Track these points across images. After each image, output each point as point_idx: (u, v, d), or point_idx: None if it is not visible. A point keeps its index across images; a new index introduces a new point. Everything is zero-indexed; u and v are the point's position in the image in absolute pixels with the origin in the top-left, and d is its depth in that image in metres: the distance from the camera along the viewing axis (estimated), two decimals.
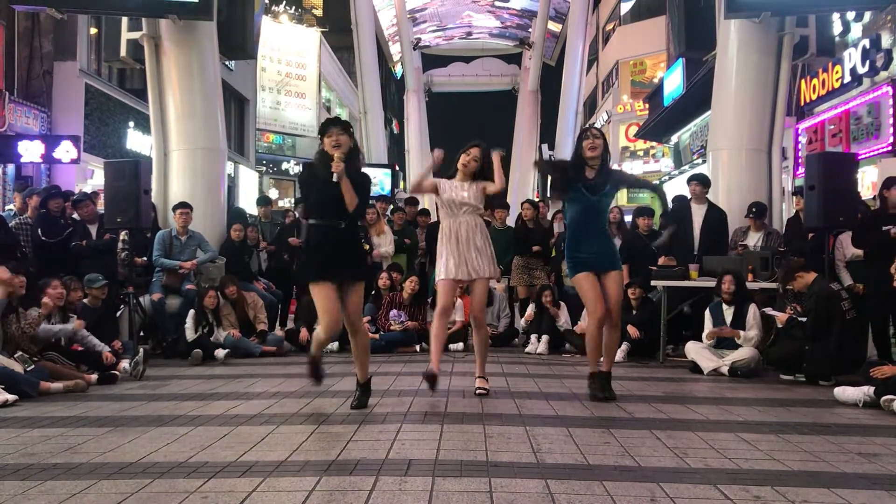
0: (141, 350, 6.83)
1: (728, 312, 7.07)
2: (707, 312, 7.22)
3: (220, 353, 7.63)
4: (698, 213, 8.38)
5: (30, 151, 13.01)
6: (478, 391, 5.46)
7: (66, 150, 13.22)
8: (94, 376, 6.15)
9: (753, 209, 8.20)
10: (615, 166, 32.39)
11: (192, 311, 8.01)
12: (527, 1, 35.74)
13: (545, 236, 9.61)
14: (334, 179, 4.75)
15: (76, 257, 8.02)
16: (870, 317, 7.00)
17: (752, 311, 6.97)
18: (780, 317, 6.67)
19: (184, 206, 8.70)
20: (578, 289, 5.50)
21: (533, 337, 8.52)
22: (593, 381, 5.41)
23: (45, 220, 8.29)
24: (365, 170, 5.26)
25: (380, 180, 17.70)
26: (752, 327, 6.90)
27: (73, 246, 8.08)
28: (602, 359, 5.47)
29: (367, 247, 9.62)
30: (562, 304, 8.74)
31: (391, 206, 11.04)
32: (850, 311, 6.34)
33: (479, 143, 5.65)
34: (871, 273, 6.92)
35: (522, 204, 9.91)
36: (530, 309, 8.83)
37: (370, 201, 7.91)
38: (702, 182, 8.51)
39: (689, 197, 8.64)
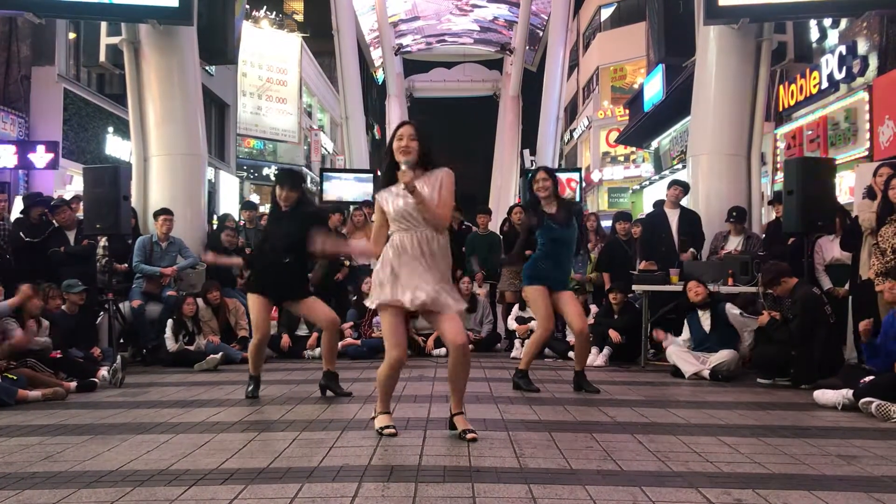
0: (120, 357, 6.76)
1: (705, 319, 7.06)
2: (685, 323, 7.24)
3: (216, 357, 7.55)
4: (673, 217, 8.55)
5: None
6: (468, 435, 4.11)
7: (40, 155, 13.12)
8: (74, 384, 6.08)
9: (734, 214, 8.28)
10: (597, 171, 32.68)
11: (170, 321, 7.94)
12: (507, 7, 35.87)
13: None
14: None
15: (54, 264, 7.94)
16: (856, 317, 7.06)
17: (733, 317, 7.01)
18: (760, 319, 6.70)
19: (166, 212, 8.64)
20: (531, 300, 6.05)
21: (517, 342, 8.50)
22: (520, 376, 6.00)
23: (26, 225, 8.20)
24: (346, 176, 5.46)
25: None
26: (743, 331, 6.94)
27: (51, 252, 7.99)
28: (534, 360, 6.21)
29: (347, 263, 9.52)
30: None
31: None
32: (831, 315, 6.40)
33: (406, 121, 4.38)
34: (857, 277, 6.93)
35: (513, 208, 9.69)
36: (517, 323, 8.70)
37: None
38: (685, 188, 8.78)
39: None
